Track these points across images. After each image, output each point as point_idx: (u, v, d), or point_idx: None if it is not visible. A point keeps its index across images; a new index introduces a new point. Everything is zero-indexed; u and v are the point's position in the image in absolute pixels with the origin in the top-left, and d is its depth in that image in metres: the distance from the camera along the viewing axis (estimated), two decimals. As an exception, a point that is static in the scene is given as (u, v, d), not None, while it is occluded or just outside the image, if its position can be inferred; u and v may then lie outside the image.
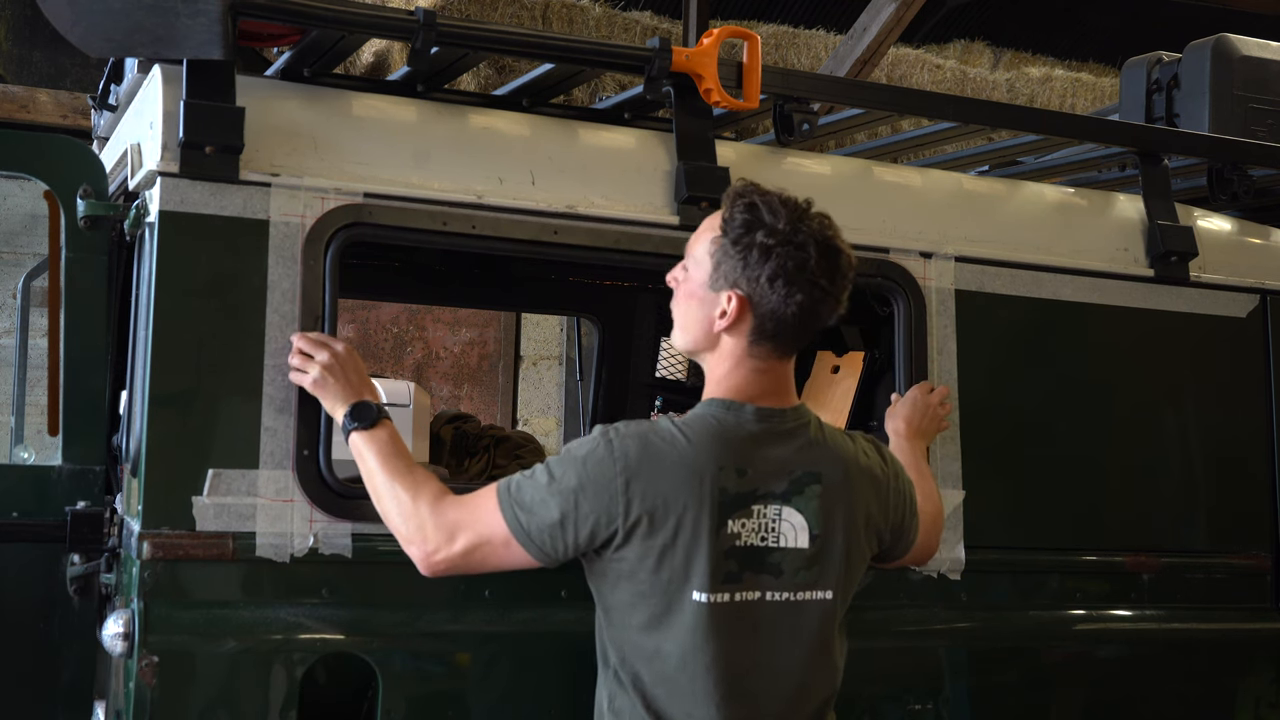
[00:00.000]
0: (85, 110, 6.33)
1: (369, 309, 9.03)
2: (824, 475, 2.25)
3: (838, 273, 2.23)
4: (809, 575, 2.22)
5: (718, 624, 2.16)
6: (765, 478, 2.20)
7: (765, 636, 2.19)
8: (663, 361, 4.17)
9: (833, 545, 2.25)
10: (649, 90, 2.86)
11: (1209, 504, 3.35)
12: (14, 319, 6.40)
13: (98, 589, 2.69)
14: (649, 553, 2.15)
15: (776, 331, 2.23)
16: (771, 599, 2.19)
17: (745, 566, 2.17)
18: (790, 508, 2.21)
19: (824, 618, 2.25)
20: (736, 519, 2.16)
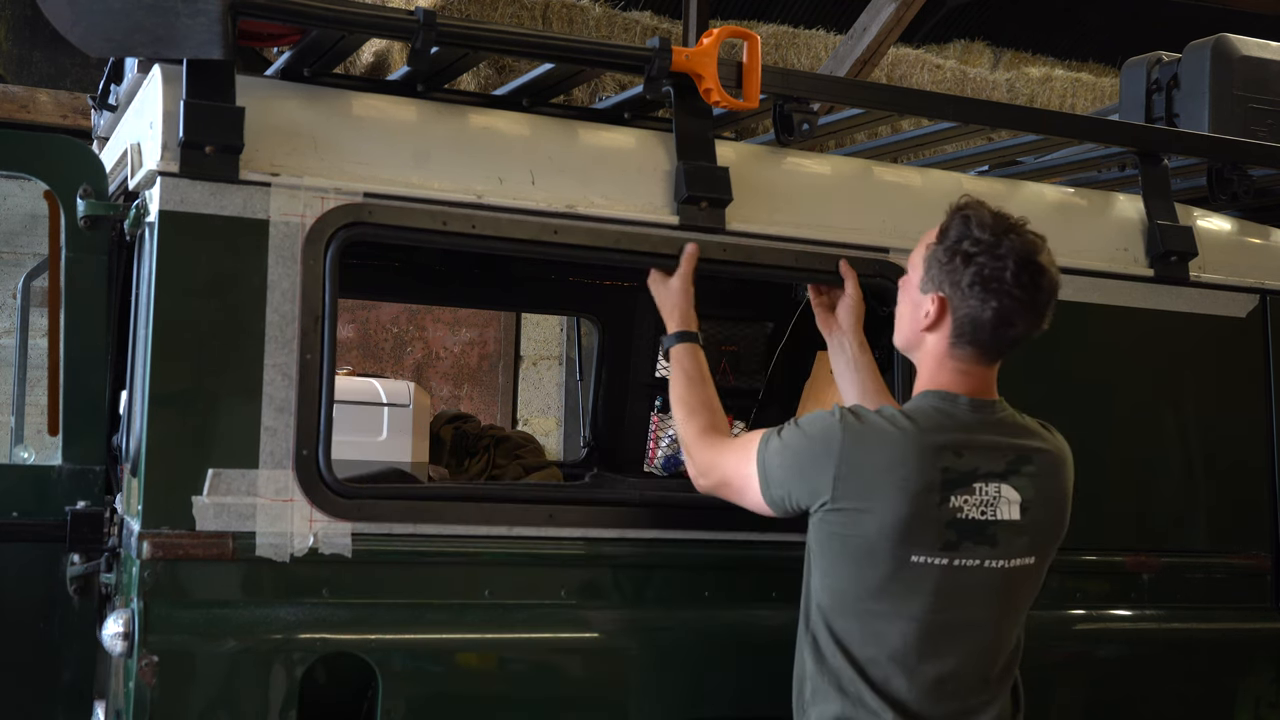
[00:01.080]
0: (85, 110, 6.33)
1: (369, 309, 9.03)
2: (1034, 456, 2.45)
3: (1037, 288, 2.40)
4: (1020, 544, 2.41)
5: (935, 585, 2.35)
6: (984, 459, 2.39)
7: (978, 598, 2.39)
8: (663, 361, 4.16)
9: (1041, 517, 2.44)
10: (649, 90, 2.86)
11: (1209, 504, 3.35)
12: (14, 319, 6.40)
13: (98, 589, 2.69)
14: (871, 516, 2.33)
15: (975, 336, 2.41)
16: (989, 565, 2.38)
17: (965, 536, 2.36)
18: (1008, 485, 2.40)
19: (1028, 581, 2.47)
20: (959, 495, 2.35)
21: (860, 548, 2.36)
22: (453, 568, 2.63)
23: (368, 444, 5.84)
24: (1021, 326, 2.42)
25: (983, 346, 2.43)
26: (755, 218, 2.90)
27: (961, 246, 2.40)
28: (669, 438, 4.11)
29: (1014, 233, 2.41)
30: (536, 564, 2.67)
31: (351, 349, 8.97)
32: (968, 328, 2.41)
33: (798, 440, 2.43)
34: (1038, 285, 2.40)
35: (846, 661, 2.38)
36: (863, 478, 2.35)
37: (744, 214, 2.88)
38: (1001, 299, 2.38)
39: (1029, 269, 2.39)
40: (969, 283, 2.38)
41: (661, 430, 4.13)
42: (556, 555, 2.68)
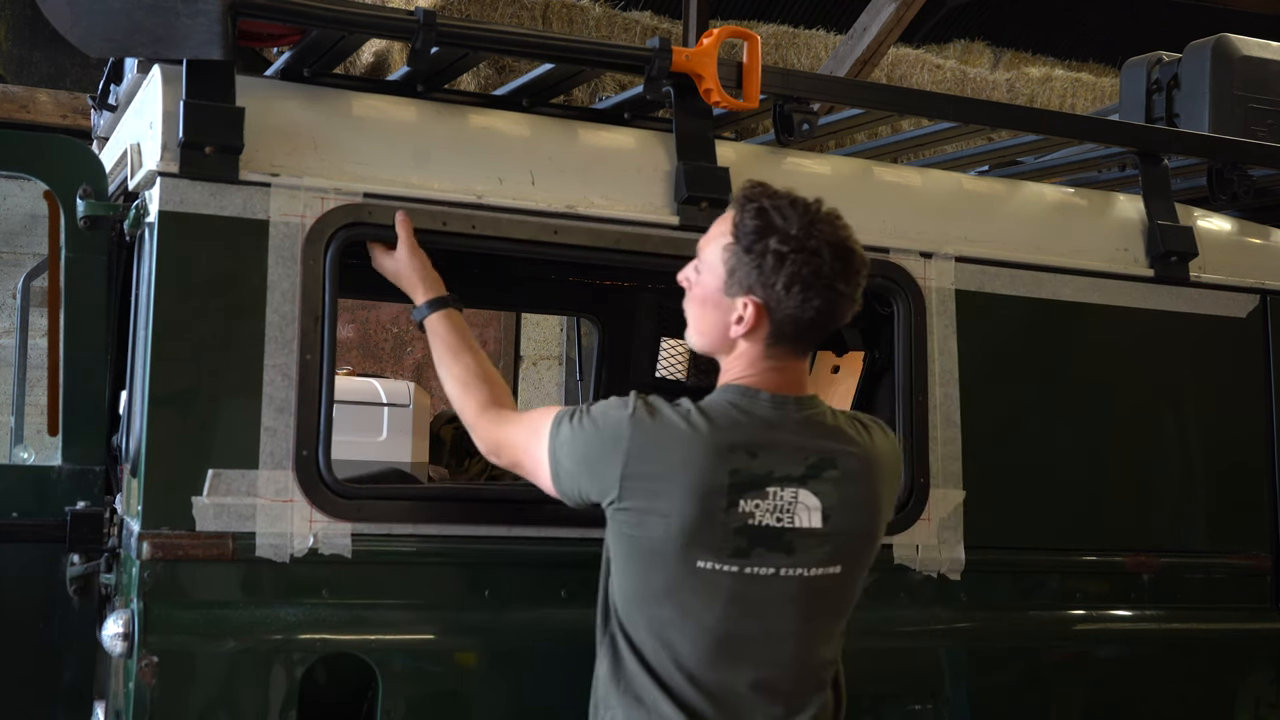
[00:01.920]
0: (85, 110, 6.33)
1: (369, 309, 9.03)
2: (840, 461, 2.29)
3: (853, 274, 2.28)
4: (822, 553, 2.27)
5: (727, 593, 2.22)
6: (781, 461, 2.24)
7: (776, 608, 2.25)
8: (663, 361, 4.17)
9: (846, 524, 2.29)
10: (649, 90, 2.86)
11: (1209, 504, 3.35)
12: (14, 319, 6.40)
13: (98, 589, 2.69)
14: (657, 518, 2.21)
15: (796, 335, 2.29)
16: (786, 574, 2.24)
17: (756, 543, 2.22)
18: (806, 490, 2.26)
19: (836, 591, 2.32)
20: (750, 499, 2.21)
21: (648, 550, 2.23)
22: (453, 568, 2.63)
23: (368, 444, 5.85)
24: (842, 315, 2.30)
25: (802, 343, 2.31)
26: (755, 218, 2.89)
27: (769, 246, 2.23)
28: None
29: (819, 222, 2.25)
30: (537, 564, 2.67)
31: (351, 349, 8.97)
32: (789, 328, 2.27)
33: (587, 432, 2.28)
34: (855, 272, 2.27)
35: (642, 668, 2.25)
36: (650, 477, 2.21)
37: (744, 214, 2.88)
38: (824, 295, 2.24)
39: (845, 258, 2.25)
40: (785, 284, 2.22)
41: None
42: (557, 555, 2.68)
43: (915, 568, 2.94)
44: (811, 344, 2.34)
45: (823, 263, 2.22)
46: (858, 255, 2.29)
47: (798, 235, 2.22)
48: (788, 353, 2.31)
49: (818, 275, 2.23)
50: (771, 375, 2.31)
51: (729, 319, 2.29)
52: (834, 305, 2.27)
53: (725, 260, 2.27)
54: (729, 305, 2.28)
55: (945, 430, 2.99)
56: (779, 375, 2.31)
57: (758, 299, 2.25)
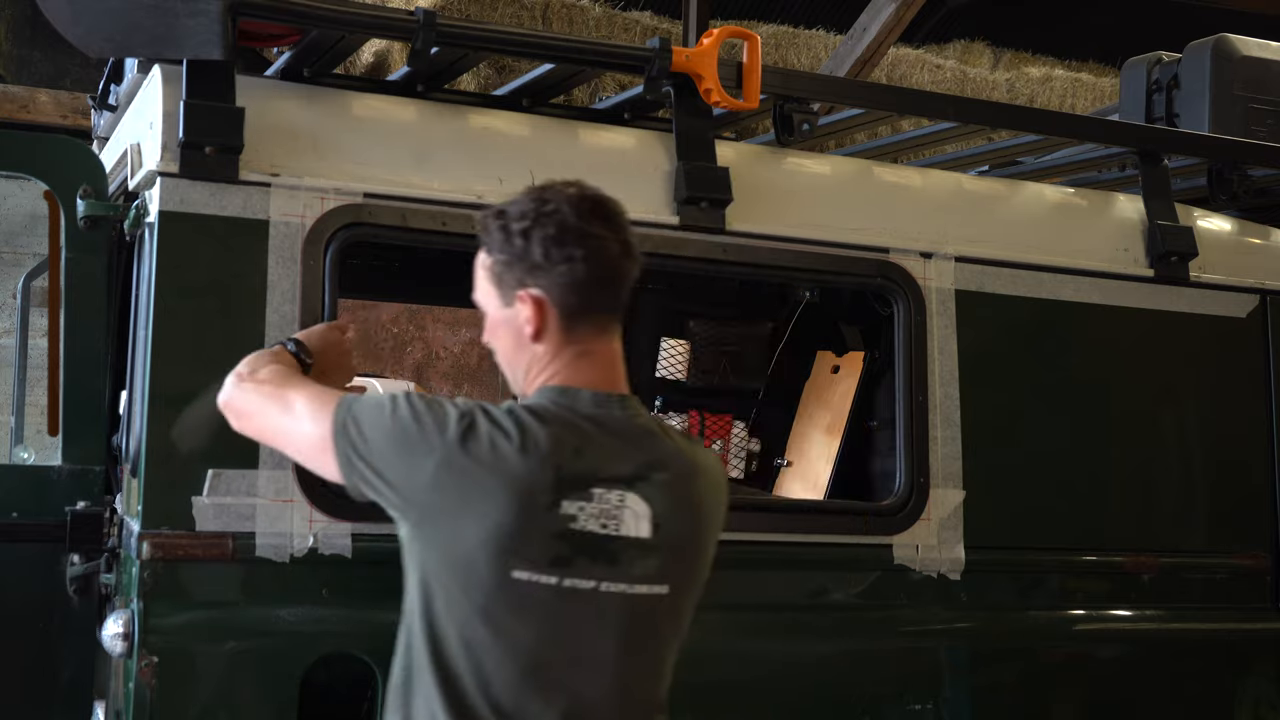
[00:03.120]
0: (85, 110, 6.33)
1: (369, 309, 9.03)
2: (670, 465, 2.10)
3: (605, 217, 2.10)
4: (648, 567, 2.06)
5: (539, 610, 2.01)
6: (607, 460, 2.05)
7: (589, 630, 2.05)
8: (663, 361, 4.16)
9: (676, 538, 2.09)
10: (649, 90, 2.86)
11: (1209, 504, 3.35)
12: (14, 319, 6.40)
13: (98, 589, 2.69)
14: (473, 519, 2.01)
15: (582, 302, 2.09)
16: (606, 589, 2.04)
17: (579, 552, 2.02)
18: (635, 494, 2.05)
19: (664, 617, 2.11)
20: (573, 500, 2.01)
21: (463, 559, 2.01)
22: (453, 568, 2.62)
23: (368, 444, 5.83)
24: (621, 265, 2.10)
25: (596, 309, 2.10)
26: (756, 218, 2.90)
27: (511, 231, 2.08)
28: (669, 438, 4.11)
29: (548, 189, 2.10)
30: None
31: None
32: (571, 297, 2.07)
33: (412, 413, 2.06)
34: (608, 216, 2.10)
35: (439, 691, 2.02)
36: (467, 472, 2.00)
37: (744, 214, 2.88)
38: (583, 244, 2.06)
39: (587, 203, 2.08)
40: (542, 253, 2.06)
41: (661, 430, 4.13)
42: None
43: (915, 568, 2.94)
44: (604, 311, 2.12)
45: (564, 215, 2.07)
46: (604, 201, 2.11)
47: (531, 207, 2.08)
48: (589, 332, 2.11)
49: (565, 227, 2.06)
50: (583, 365, 2.12)
51: (520, 328, 2.11)
52: (600, 253, 2.07)
53: (489, 278, 2.15)
54: (513, 315, 2.12)
55: (945, 430, 2.99)
56: (591, 364, 2.12)
57: (529, 288, 2.08)
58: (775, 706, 2.83)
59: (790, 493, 3.69)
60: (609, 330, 2.14)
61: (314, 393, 2.15)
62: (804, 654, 2.89)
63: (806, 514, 3.02)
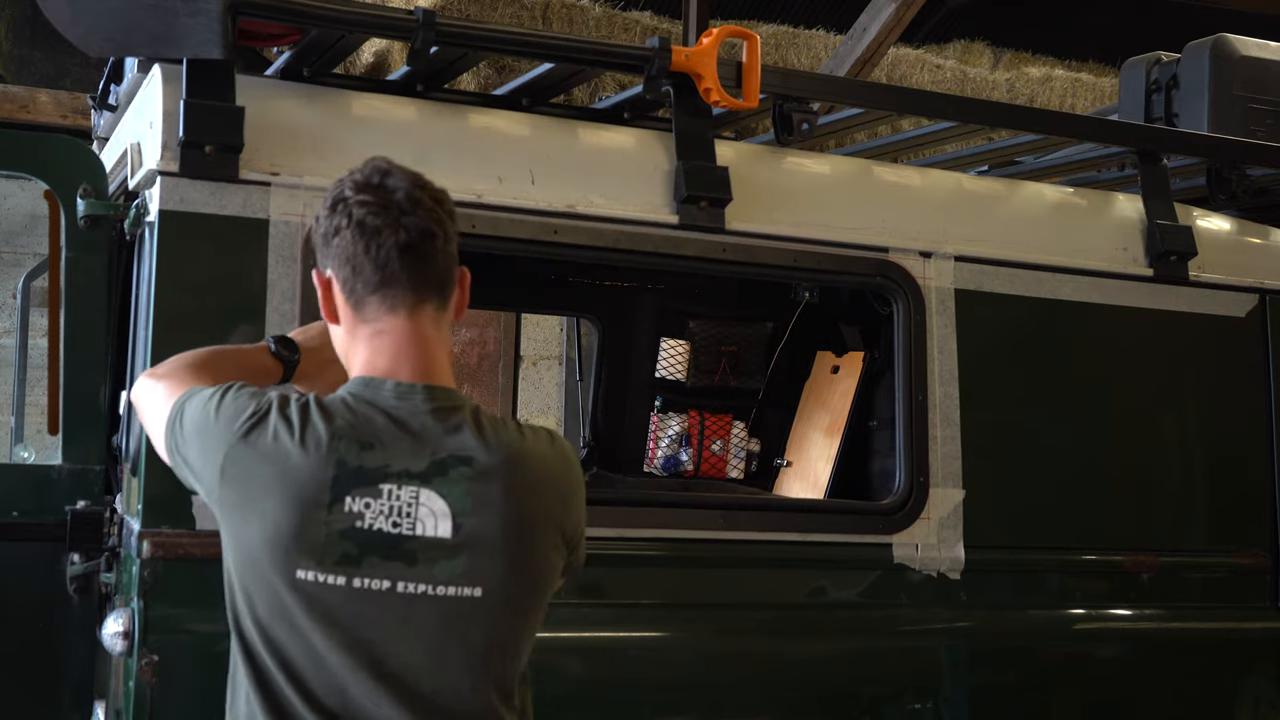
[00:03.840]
0: (85, 110, 6.33)
1: (369, 309, 9.01)
2: (476, 459, 1.98)
3: (380, 188, 2.00)
4: (452, 568, 1.95)
5: (332, 611, 1.93)
6: (399, 455, 1.95)
7: (395, 630, 1.95)
8: (663, 361, 4.16)
9: (486, 537, 1.97)
10: (649, 90, 2.86)
11: (1209, 504, 3.35)
12: (14, 319, 6.40)
13: (98, 588, 2.69)
14: (254, 517, 1.94)
15: (357, 276, 1.99)
16: (405, 590, 1.94)
17: (369, 551, 1.93)
18: (430, 490, 1.95)
19: (473, 618, 1.97)
20: (358, 497, 1.93)
21: (248, 556, 1.95)
22: (452, 567, 2.62)
23: (368, 444, 5.83)
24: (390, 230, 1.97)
25: (378, 282, 1.98)
26: (755, 218, 2.90)
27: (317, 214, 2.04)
28: (669, 438, 4.11)
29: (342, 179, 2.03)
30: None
31: (351, 349, 8.95)
32: (346, 270, 1.98)
33: (216, 406, 2.00)
34: (379, 186, 1.99)
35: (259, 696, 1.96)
36: (247, 467, 1.94)
37: (744, 214, 2.88)
38: (347, 212, 1.97)
39: (358, 177, 2.00)
40: (322, 230, 2.00)
41: (661, 430, 4.13)
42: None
43: (915, 567, 2.94)
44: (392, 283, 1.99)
45: (338, 191, 2.01)
46: (388, 171, 2.02)
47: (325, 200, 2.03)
48: (378, 310, 2.00)
49: (335, 200, 2.00)
50: (377, 343, 2.02)
51: (322, 307, 2.06)
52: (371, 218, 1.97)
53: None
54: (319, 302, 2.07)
55: (945, 430, 2.99)
56: (385, 342, 2.02)
57: (318, 269, 2.04)
58: (775, 706, 2.84)
59: (790, 493, 3.69)
60: (408, 309, 2.01)
61: (176, 384, 2.10)
62: (804, 653, 2.90)
63: (806, 514, 3.02)
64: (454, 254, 2.07)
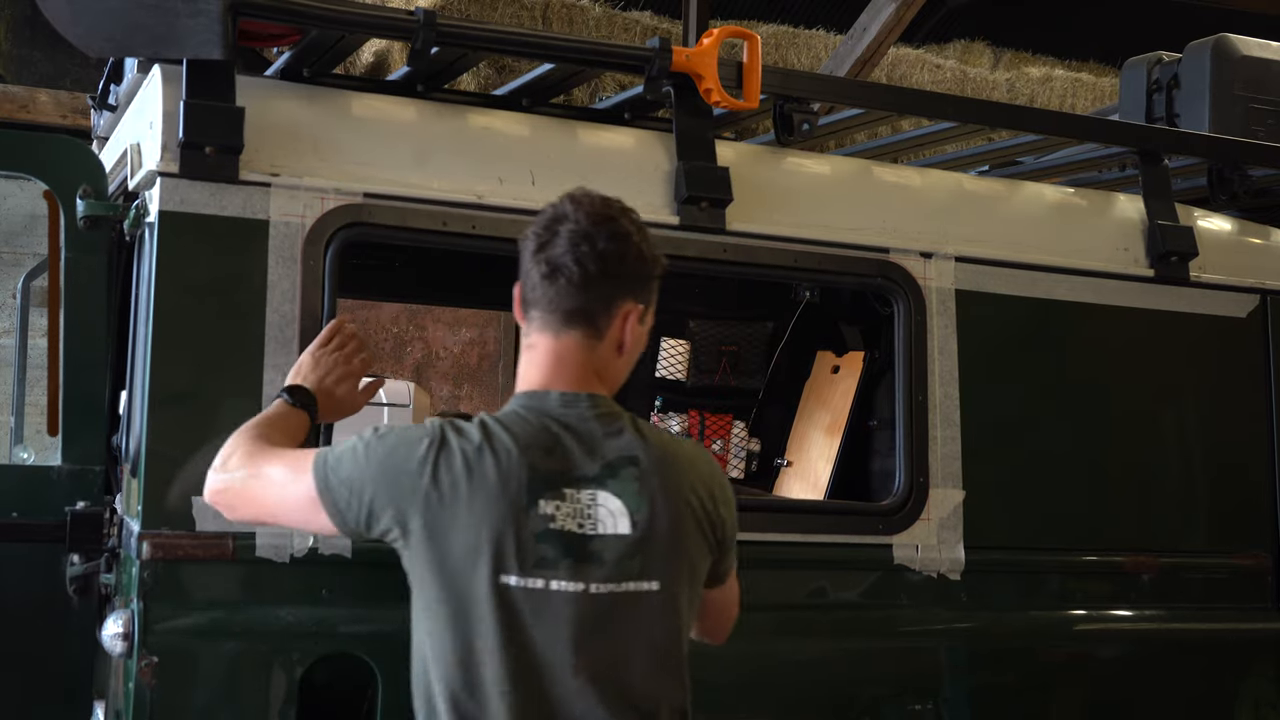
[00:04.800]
0: (85, 110, 6.33)
1: (369, 309, 9.02)
2: (640, 459, 2.10)
3: (554, 228, 2.12)
4: (633, 565, 2.05)
5: (528, 613, 2.01)
6: (576, 459, 2.07)
7: (586, 631, 2.02)
8: (663, 361, 4.16)
9: (656, 532, 2.08)
10: (649, 90, 2.86)
11: (1209, 504, 3.35)
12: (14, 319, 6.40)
13: (98, 589, 2.69)
14: (459, 531, 2.02)
15: (525, 301, 2.16)
16: (596, 591, 2.03)
17: (563, 554, 2.02)
18: (606, 491, 2.06)
19: (656, 611, 2.07)
20: (548, 500, 2.03)
21: (449, 574, 2.02)
22: (453, 568, 2.62)
23: (368, 444, 5.83)
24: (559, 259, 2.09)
25: (541, 305, 2.13)
26: (755, 218, 2.90)
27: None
28: (669, 438, 4.11)
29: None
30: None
31: (351, 349, 8.94)
32: (526, 286, 2.15)
33: (388, 444, 2.08)
34: (574, 211, 2.12)
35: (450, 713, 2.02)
36: (443, 493, 2.02)
37: (744, 214, 2.88)
38: (536, 235, 2.13)
39: (557, 207, 2.14)
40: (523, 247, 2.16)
41: (661, 430, 4.13)
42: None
43: (915, 568, 2.94)
44: (549, 307, 2.13)
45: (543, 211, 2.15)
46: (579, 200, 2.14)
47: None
48: (537, 324, 2.15)
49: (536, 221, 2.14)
50: (537, 359, 2.15)
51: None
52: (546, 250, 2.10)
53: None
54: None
55: (945, 430, 2.99)
56: (542, 359, 2.14)
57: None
58: (775, 706, 2.83)
59: (790, 493, 3.69)
60: (551, 329, 2.14)
61: (286, 460, 2.17)
62: (804, 654, 2.89)
63: (806, 514, 3.02)
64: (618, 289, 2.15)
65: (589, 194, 2.17)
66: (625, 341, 2.18)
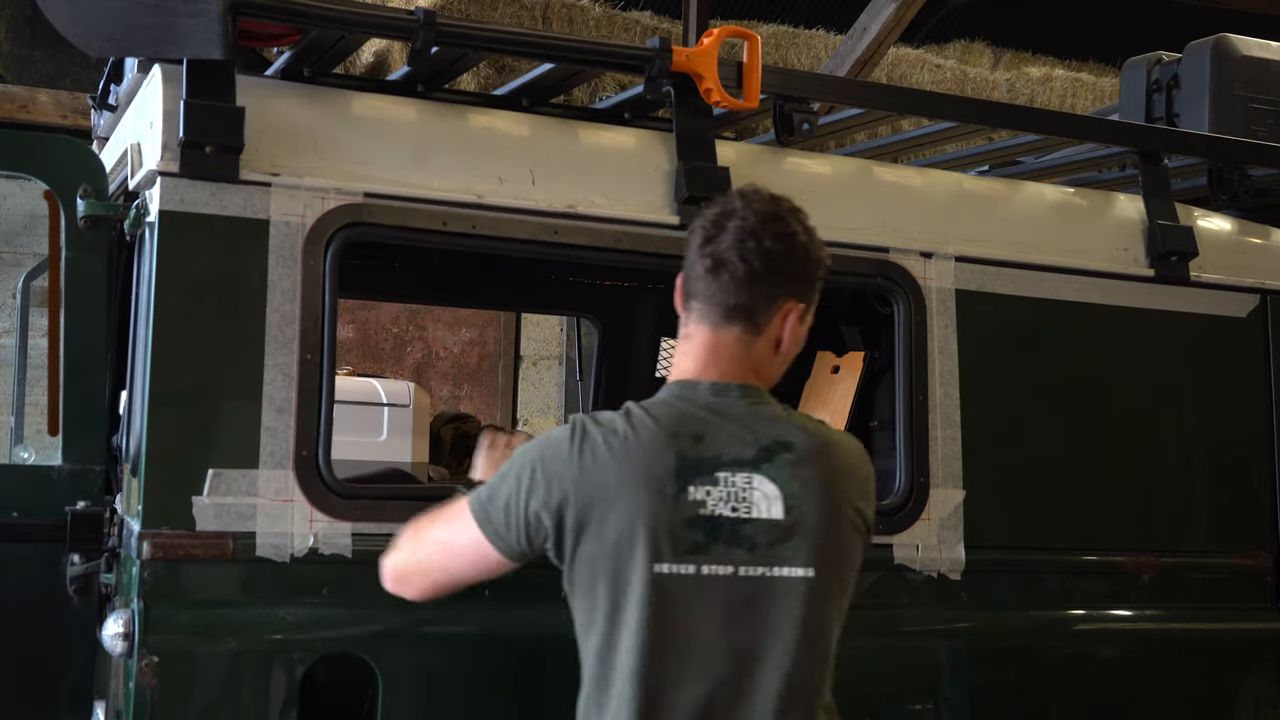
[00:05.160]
0: (85, 110, 6.33)
1: (369, 309, 9.03)
2: (795, 445, 2.12)
3: (722, 223, 2.15)
4: (787, 549, 2.07)
5: (680, 598, 2.03)
6: (729, 444, 2.09)
7: (736, 616, 2.05)
8: (663, 361, 4.16)
9: (812, 518, 2.10)
10: (649, 90, 2.86)
11: (1209, 504, 3.35)
12: (14, 319, 6.40)
13: (98, 589, 2.69)
14: (606, 529, 2.05)
15: (687, 292, 2.19)
16: (746, 574, 2.05)
17: (714, 539, 2.04)
18: (761, 475, 2.08)
19: (807, 598, 2.08)
20: (700, 485, 2.05)
21: (604, 566, 2.06)
22: (453, 568, 2.62)
23: (368, 444, 5.85)
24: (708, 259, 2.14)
25: (702, 298, 2.16)
26: (755, 218, 2.89)
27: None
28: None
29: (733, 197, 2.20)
30: (535, 563, 2.67)
31: (351, 349, 8.97)
32: (685, 283, 2.20)
33: (533, 454, 2.13)
34: (723, 214, 2.16)
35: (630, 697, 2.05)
36: (592, 485, 2.06)
37: (744, 214, 2.87)
38: (702, 229, 2.17)
39: (727, 202, 2.18)
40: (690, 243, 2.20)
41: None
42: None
43: (915, 568, 2.94)
44: (708, 301, 2.16)
45: (706, 215, 2.19)
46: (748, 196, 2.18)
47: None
48: (698, 315, 2.17)
49: (699, 227, 2.18)
50: (693, 351, 2.17)
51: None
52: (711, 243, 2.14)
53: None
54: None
55: (945, 430, 2.99)
56: (699, 350, 2.17)
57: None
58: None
59: (790, 493, 3.69)
60: (709, 322, 2.17)
61: (442, 519, 2.23)
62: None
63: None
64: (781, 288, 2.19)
65: (759, 191, 2.20)
66: (784, 339, 2.21)
